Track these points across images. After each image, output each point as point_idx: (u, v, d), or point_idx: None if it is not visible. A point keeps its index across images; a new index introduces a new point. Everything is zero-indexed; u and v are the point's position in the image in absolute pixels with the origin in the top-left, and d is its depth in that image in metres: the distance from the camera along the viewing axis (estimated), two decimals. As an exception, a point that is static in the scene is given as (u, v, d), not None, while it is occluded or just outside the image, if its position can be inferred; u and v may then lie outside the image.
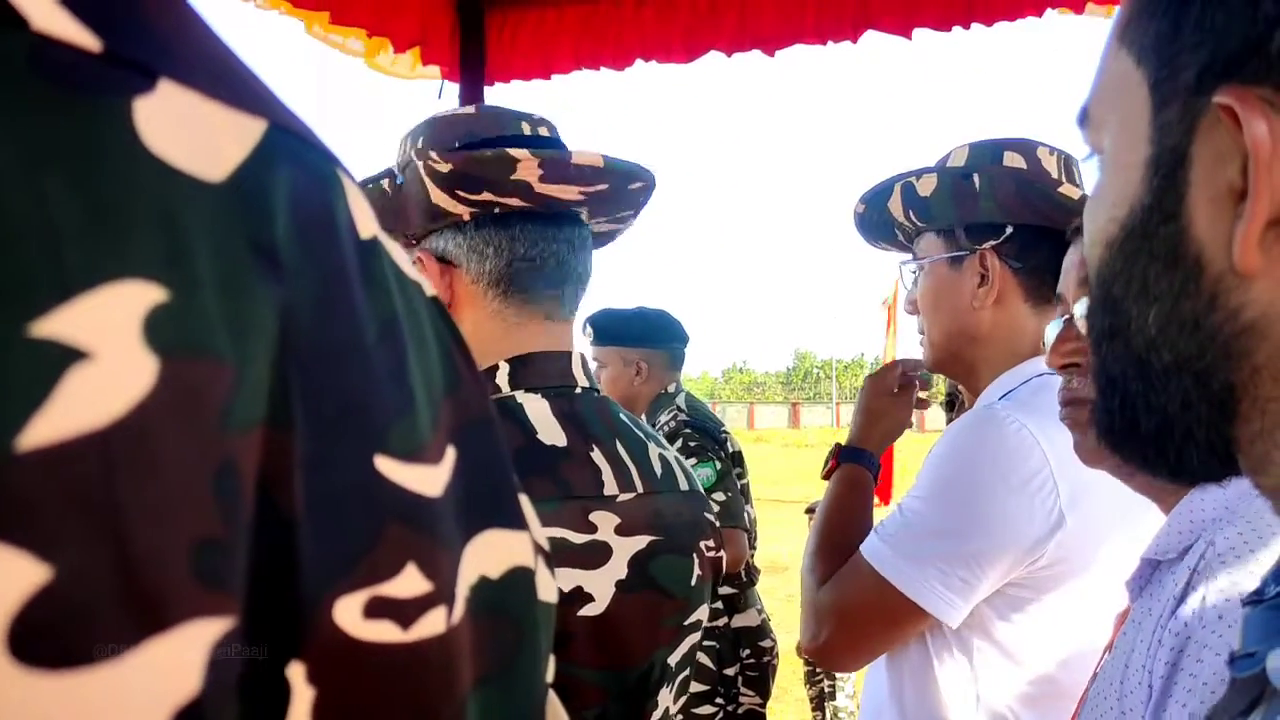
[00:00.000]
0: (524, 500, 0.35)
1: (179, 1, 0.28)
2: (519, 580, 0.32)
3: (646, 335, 2.68)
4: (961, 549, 1.14)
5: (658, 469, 1.02)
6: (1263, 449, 0.38)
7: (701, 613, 1.05)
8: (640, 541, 0.97)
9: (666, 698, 1.01)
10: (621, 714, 0.96)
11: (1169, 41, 0.37)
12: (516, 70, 2.48)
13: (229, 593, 0.24)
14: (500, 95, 2.49)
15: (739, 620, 2.65)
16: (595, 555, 0.93)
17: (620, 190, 1.01)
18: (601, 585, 0.93)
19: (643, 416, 2.71)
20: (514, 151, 0.92)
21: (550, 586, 0.36)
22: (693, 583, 1.02)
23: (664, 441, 1.08)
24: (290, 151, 0.28)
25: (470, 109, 1.03)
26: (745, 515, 2.63)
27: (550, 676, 0.36)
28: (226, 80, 0.27)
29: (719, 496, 2.53)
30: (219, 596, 0.24)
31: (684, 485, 1.05)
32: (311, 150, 0.29)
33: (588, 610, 0.92)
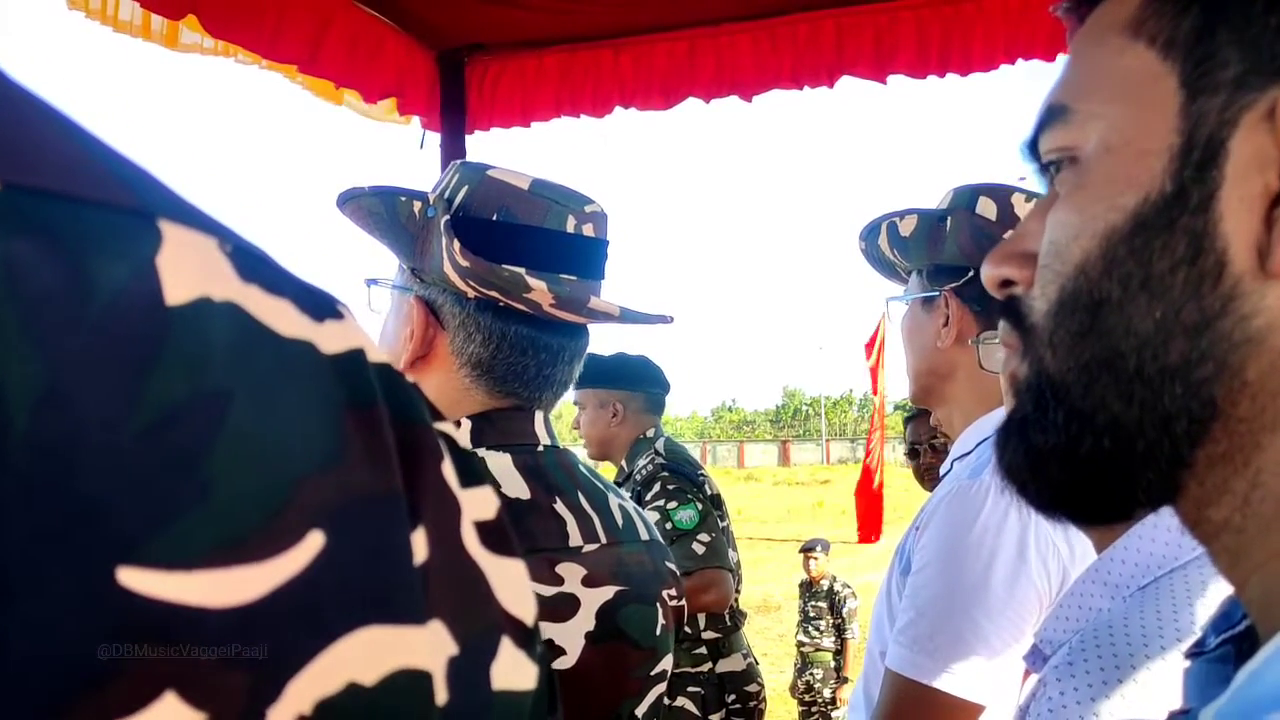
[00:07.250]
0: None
1: None
2: (402, 685, 0.27)
3: (623, 377, 2.69)
4: (989, 630, 1.11)
5: (619, 520, 1.03)
6: (1221, 475, 0.36)
7: (667, 662, 1.05)
8: (607, 592, 0.97)
9: None
10: None
11: (1209, 36, 0.36)
12: (498, 119, 2.51)
13: None
14: (481, 144, 2.51)
15: (724, 665, 2.62)
16: (564, 608, 0.93)
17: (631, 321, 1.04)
18: (571, 638, 0.93)
19: (621, 460, 2.71)
20: (531, 280, 0.94)
21: (510, 673, 0.31)
22: (658, 632, 1.03)
23: (623, 494, 1.10)
24: (23, 215, 0.23)
25: (525, 180, 1.00)
26: (730, 556, 2.62)
27: None
28: None
29: (703, 537, 2.51)
30: None
31: (644, 535, 1.06)
32: (73, 208, 0.24)
33: (559, 664, 0.92)
